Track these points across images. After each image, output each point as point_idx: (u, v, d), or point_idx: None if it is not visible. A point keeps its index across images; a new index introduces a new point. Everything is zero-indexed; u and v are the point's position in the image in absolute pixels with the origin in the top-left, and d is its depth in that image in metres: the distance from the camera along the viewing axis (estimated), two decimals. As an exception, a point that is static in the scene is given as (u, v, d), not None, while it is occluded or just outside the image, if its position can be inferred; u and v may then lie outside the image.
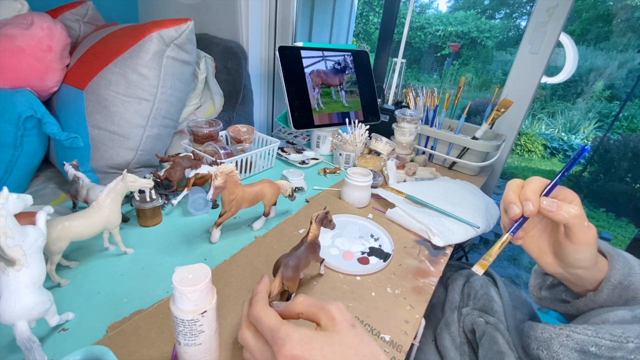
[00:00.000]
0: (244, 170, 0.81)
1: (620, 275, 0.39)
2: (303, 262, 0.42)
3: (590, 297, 0.41)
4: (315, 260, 0.47)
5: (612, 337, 0.29)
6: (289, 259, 0.41)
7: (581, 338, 0.31)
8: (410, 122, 0.93)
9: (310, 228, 0.45)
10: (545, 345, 0.33)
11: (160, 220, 0.62)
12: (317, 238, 0.46)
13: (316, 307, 0.30)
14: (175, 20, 0.73)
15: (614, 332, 0.30)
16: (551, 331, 0.33)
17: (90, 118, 0.72)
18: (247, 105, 1.11)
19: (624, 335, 0.29)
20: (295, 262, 0.41)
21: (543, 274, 0.51)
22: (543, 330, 0.34)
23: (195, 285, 0.30)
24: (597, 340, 0.30)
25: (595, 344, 0.30)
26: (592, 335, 0.31)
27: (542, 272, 0.51)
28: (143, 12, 1.36)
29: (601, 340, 0.30)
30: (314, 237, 0.45)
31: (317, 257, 0.47)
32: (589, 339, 0.31)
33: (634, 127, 3.64)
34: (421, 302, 0.49)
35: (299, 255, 0.42)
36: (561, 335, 0.32)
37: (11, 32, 0.71)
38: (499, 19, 5.96)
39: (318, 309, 0.30)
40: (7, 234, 0.32)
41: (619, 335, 0.29)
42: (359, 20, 6.28)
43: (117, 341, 0.39)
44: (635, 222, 2.64)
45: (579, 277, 0.42)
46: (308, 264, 0.44)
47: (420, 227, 0.64)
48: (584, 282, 0.42)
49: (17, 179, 0.73)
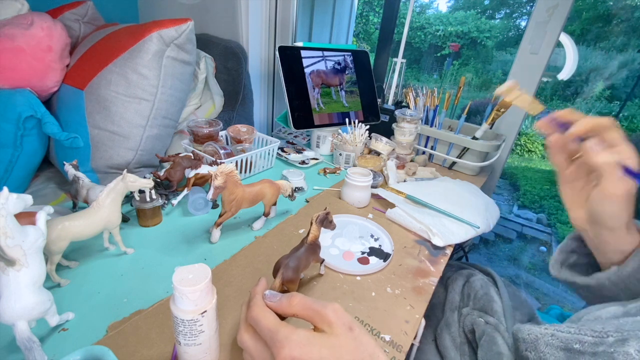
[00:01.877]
0: (244, 170, 0.81)
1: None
2: (303, 263, 0.42)
3: (613, 270, 0.40)
4: (315, 261, 0.47)
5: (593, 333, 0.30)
6: (289, 260, 0.41)
7: (565, 336, 0.31)
8: (410, 122, 0.93)
9: (311, 229, 0.44)
10: (533, 346, 0.33)
11: (160, 220, 0.62)
12: (318, 239, 0.46)
13: (312, 311, 0.30)
14: (175, 20, 0.74)
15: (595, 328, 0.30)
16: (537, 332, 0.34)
17: (90, 118, 0.72)
18: (247, 105, 1.11)
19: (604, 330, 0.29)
20: (296, 264, 0.41)
21: (568, 251, 0.49)
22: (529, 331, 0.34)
23: (195, 285, 0.30)
24: (580, 337, 0.31)
25: (579, 341, 0.30)
26: (575, 332, 0.31)
27: (567, 249, 0.49)
28: (143, 12, 1.36)
29: (584, 337, 0.30)
30: (314, 238, 0.45)
31: (317, 257, 0.47)
32: (572, 337, 0.31)
33: (634, 127, 3.64)
34: (421, 302, 0.49)
35: (299, 256, 0.42)
36: (546, 335, 0.33)
37: (11, 32, 0.71)
38: (499, 19, 5.96)
39: (314, 313, 0.30)
40: (7, 234, 0.32)
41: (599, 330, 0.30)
42: (359, 20, 6.28)
43: (117, 341, 0.38)
44: (635, 222, 2.64)
45: (603, 241, 0.40)
46: (308, 264, 0.44)
47: (420, 227, 0.64)
48: (607, 248, 0.41)
49: (17, 179, 0.73)
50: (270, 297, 0.32)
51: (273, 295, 0.32)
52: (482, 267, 0.67)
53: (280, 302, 0.31)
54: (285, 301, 0.31)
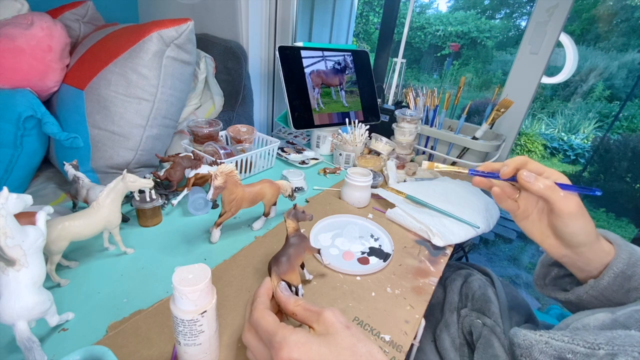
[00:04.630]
0: (244, 170, 0.81)
1: (623, 265, 0.39)
2: (294, 253, 0.43)
3: (590, 284, 0.41)
4: (308, 251, 0.46)
5: (586, 344, 0.30)
6: (278, 256, 0.41)
7: (559, 345, 0.32)
8: (410, 122, 0.93)
9: (286, 224, 0.45)
10: (527, 352, 0.34)
11: (160, 220, 0.62)
12: (298, 230, 0.46)
13: (310, 312, 0.31)
14: (175, 20, 0.73)
15: (587, 339, 0.31)
16: (532, 338, 0.34)
17: (90, 118, 0.72)
18: (247, 105, 1.11)
19: (596, 342, 0.30)
20: (286, 257, 0.41)
21: (549, 264, 0.51)
22: (525, 337, 0.35)
23: (195, 285, 0.30)
24: (572, 347, 0.31)
25: (571, 351, 0.31)
26: (569, 341, 0.31)
27: (547, 263, 0.51)
28: (143, 12, 1.36)
29: (577, 347, 0.31)
30: (293, 231, 0.45)
31: (308, 246, 0.46)
32: (565, 346, 0.31)
33: (634, 127, 3.64)
34: (421, 302, 0.49)
35: (286, 249, 0.43)
36: (540, 342, 0.33)
37: (11, 32, 0.71)
38: (499, 19, 5.96)
39: (311, 314, 0.31)
40: (7, 234, 0.32)
41: (591, 342, 0.30)
42: (359, 20, 6.27)
43: (117, 341, 0.39)
44: (635, 222, 2.64)
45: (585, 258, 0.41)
46: (300, 254, 0.44)
47: (420, 227, 0.64)
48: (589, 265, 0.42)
49: (17, 179, 0.73)
50: (284, 290, 0.35)
51: (286, 290, 0.35)
52: (481, 267, 0.67)
53: (288, 298, 0.34)
54: (292, 299, 0.33)
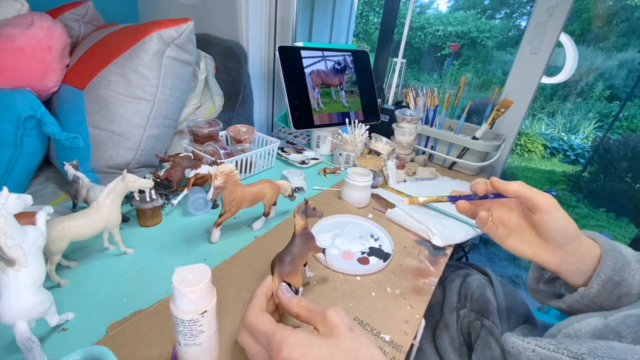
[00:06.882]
0: (244, 170, 0.81)
1: (610, 271, 0.39)
2: (298, 254, 0.41)
3: (580, 292, 0.41)
4: (313, 250, 0.46)
5: (570, 353, 0.31)
6: (283, 255, 0.40)
7: (545, 353, 0.32)
8: (410, 122, 0.93)
9: (295, 221, 0.44)
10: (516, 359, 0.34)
11: (160, 220, 0.62)
12: (306, 228, 0.44)
13: (314, 312, 0.31)
14: (175, 20, 0.73)
15: (571, 349, 0.31)
16: (520, 345, 0.34)
17: (90, 118, 0.72)
18: (247, 105, 1.11)
19: (579, 353, 0.30)
20: (290, 257, 0.40)
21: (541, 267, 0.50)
22: (513, 344, 0.35)
23: (195, 285, 0.30)
24: (557, 355, 0.31)
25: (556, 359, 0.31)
26: (554, 350, 0.32)
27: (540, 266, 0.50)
28: (143, 12, 1.36)
29: (561, 356, 0.31)
30: (301, 229, 0.44)
31: (313, 246, 0.46)
32: (551, 354, 0.32)
33: (634, 127, 3.64)
34: (421, 302, 0.49)
35: (292, 249, 0.41)
36: (527, 350, 0.33)
37: (11, 32, 0.71)
38: (499, 19, 5.96)
39: (315, 314, 0.31)
40: (7, 234, 0.32)
41: (575, 352, 0.30)
42: (359, 20, 6.27)
43: (117, 341, 0.39)
44: (635, 222, 2.64)
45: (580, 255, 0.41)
46: (305, 254, 0.43)
47: (420, 227, 0.64)
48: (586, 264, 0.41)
49: (17, 179, 0.73)
50: (285, 291, 0.34)
51: (288, 291, 0.34)
52: (480, 266, 0.67)
53: (290, 299, 0.33)
54: (295, 301, 0.33)
